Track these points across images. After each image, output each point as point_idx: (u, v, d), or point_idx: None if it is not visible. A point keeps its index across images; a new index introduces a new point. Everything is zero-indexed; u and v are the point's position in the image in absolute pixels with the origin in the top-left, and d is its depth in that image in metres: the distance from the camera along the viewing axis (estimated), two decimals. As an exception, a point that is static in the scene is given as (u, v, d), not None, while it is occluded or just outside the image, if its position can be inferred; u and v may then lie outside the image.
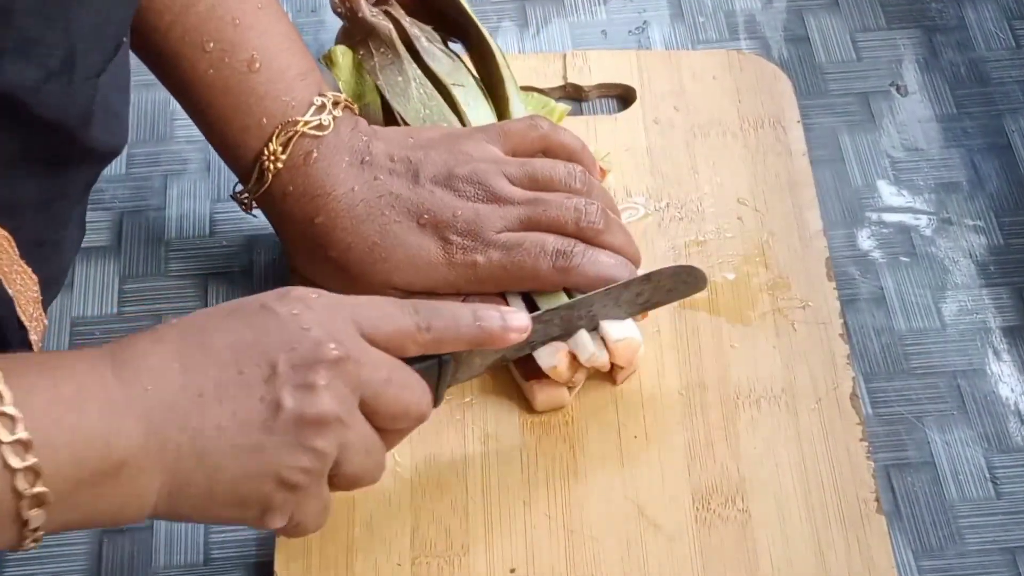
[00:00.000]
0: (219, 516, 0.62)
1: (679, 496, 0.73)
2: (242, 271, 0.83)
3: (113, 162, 0.87)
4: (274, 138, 0.74)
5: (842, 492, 0.73)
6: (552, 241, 0.74)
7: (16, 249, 0.64)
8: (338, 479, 0.64)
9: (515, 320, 0.68)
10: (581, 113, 0.89)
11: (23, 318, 0.65)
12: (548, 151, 0.78)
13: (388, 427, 0.65)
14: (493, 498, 0.73)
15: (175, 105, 0.81)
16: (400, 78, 0.82)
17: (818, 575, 0.71)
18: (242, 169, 0.76)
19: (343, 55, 0.83)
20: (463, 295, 0.75)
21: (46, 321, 0.68)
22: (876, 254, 0.84)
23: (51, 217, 0.67)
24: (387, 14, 0.83)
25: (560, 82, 0.89)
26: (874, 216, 0.85)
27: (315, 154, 0.75)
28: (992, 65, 0.91)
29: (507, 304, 0.74)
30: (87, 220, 0.85)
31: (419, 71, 0.82)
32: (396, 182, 0.75)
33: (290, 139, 0.74)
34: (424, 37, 0.83)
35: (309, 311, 0.63)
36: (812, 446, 0.75)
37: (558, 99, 0.89)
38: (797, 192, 0.84)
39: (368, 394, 0.63)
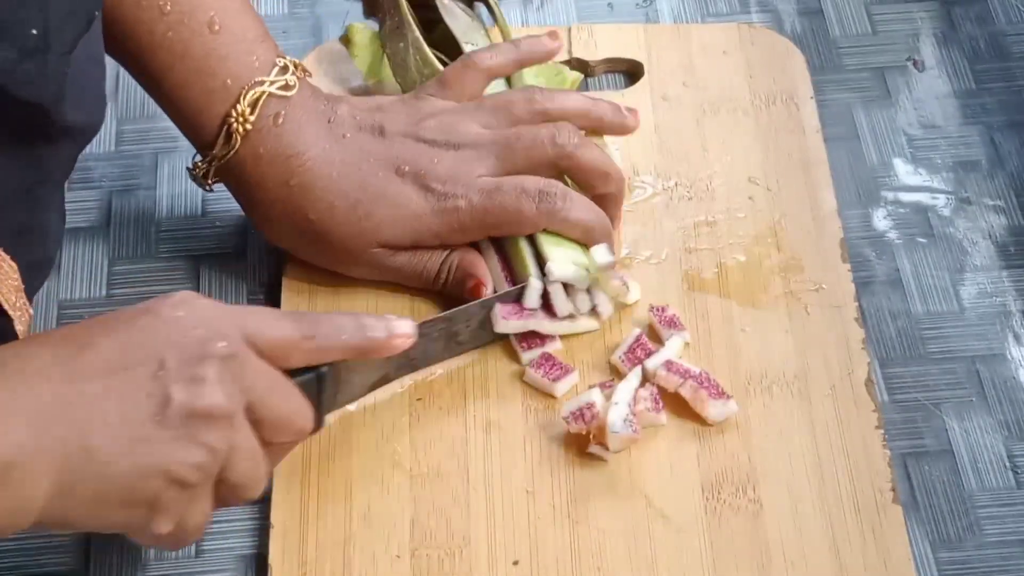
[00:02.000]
0: (107, 518, 0.62)
1: (688, 486, 0.72)
2: (235, 253, 0.82)
3: (102, 139, 0.86)
4: (242, 99, 0.74)
5: (857, 481, 0.72)
6: (532, 182, 0.75)
7: None
8: (222, 487, 0.64)
9: (400, 327, 0.68)
10: (587, 89, 0.88)
11: (6, 307, 0.65)
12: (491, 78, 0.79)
13: (270, 439, 0.65)
14: (495, 488, 0.72)
15: (166, 80, 0.80)
16: (401, 44, 0.82)
17: (832, 567, 0.70)
18: (205, 137, 0.75)
19: (359, 32, 0.84)
20: (448, 248, 0.76)
21: (31, 310, 0.67)
22: (892, 235, 0.82)
23: (32, 203, 0.67)
24: None
25: (565, 57, 0.88)
26: (890, 195, 0.84)
27: (283, 115, 0.75)
28: (1012, 39, 0.90)
29: (480, 251, 0.76)
30: (75, 200, 0.83)
31: (418, 35, 0.82)
32: (365, 138, 0.76)
33: (258, 99, 0.74)
34: None
35: (194, 312, 0.63)
36: (826, 434, 0.74)
37: (563, 74, 0.88)
38: (810, 171, 0.83)
39: (254, 399, 0.63)
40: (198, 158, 0.77)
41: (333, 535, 0.70)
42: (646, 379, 0.74)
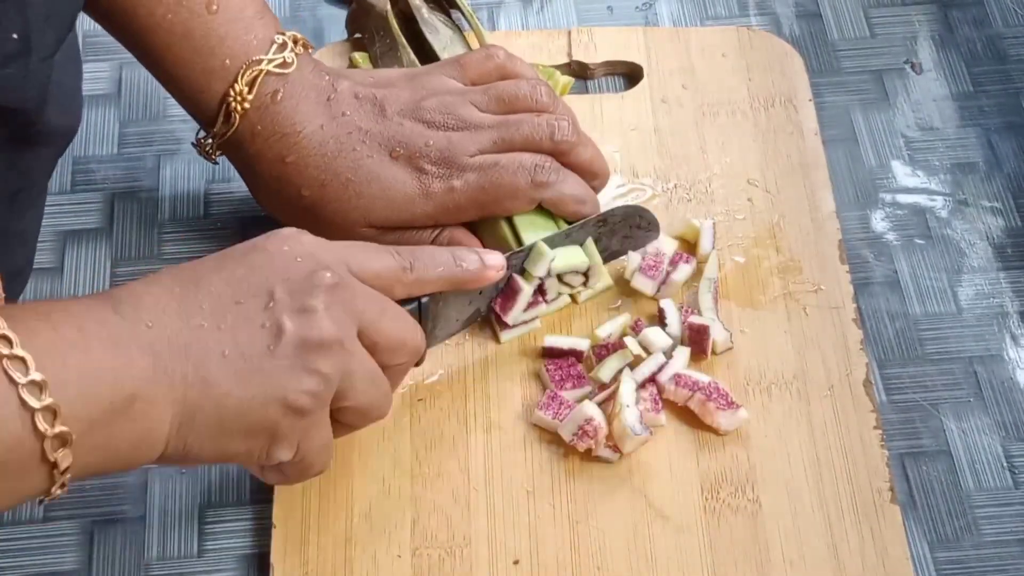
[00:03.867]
0: (227, 449, 0.63)
1: (687, 486, 0.72)
2: (238, 254, 0.81)
3: (104, 142, 0.86)
4: (239, 78, 0.75)
5: (855, 481, 0.72)
6: (528, 157, 0.75)
7: None
8: (346, 413, 0.66)
9: (492, 258, 0.71)
10: (587, 91, 0.88)
11: None
12: (505, 80, 0.80)
13: (386, 362, 0.66)
14: (496, 488, 0.72)
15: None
16: (396, 66, 0.82)
17: (831, 567, 0.70)
18: (206, 114, 0.76)
19: (363, 60, 0.85)
20: (440, 227, 0.76)
21: None
22: (890, 236, 0.82)
23: (14, 209, 0.67)
24: None
25: (565, 59, 0.88)
26: (888, 197, 0.84)
27: (281, 92, 0.75)
28: (1010, 42, 0.90)
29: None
30: (78, 202, 0.83)
31: (413, 56, 0.83)
32: (363, 117, 0.76)
33: (255, 78, 0.75)
34: (425, 8, 0.84)
35: (299, 245, 0.65)
36: (824, 434, 0.74)
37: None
38: (809, 173, 0.83)
39: (365, 323, 0.65)
40: (202, 134, 0.77)
41: (335, 535, 0.70)
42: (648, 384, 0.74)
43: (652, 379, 0.74)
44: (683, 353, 0.75)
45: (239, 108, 0.74)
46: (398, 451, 0.73)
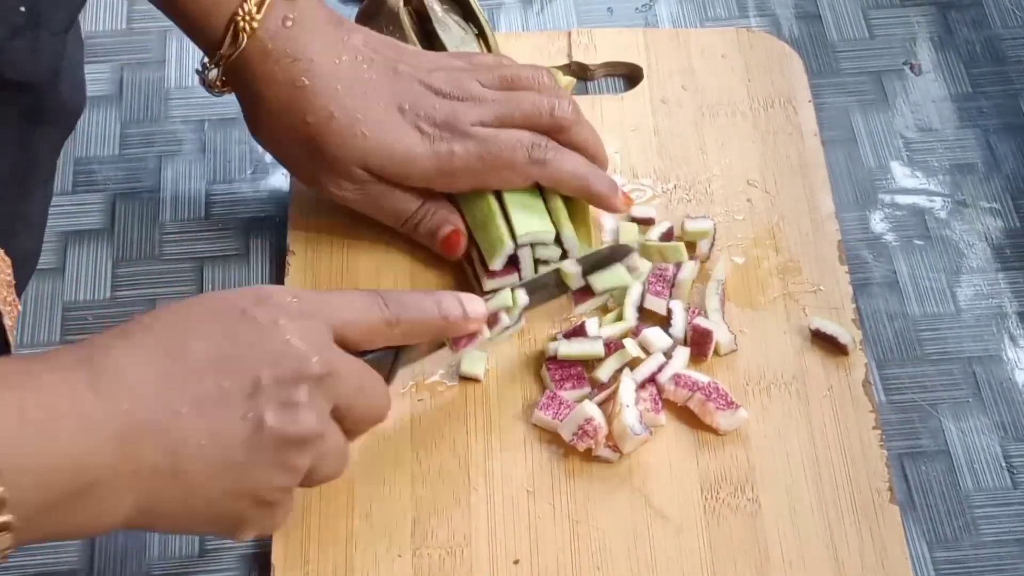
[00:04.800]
0: (190, 530, 0.63)
1: (687, 486, 0.72)
2: (238, 255, 0.82)
3: (106, 142, 0.86)
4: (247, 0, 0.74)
5: (854, 482, 0.72)
6: (527, 135, 0.76)
7: None
8: (307, 482, 0.64)
9: (473, 308, 0.70)
10: (587, 92, 0.88)
11: None
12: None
13: (351, 429, 0.66)
14: (496, 487, 0.72)
15: (170, 83, 0.80)
16: None
17: (830, 566, 0.70)
18: (213, 39, 0.76)
19: None
20: (427, 200, 0.76)
21: (20, 306, 0.67)
22: (889, 237, 0.82)
23: (22, 193, 0.66)
24: None
25: (565, 60, 0.88)
26: (887, 198, 0.84)
27: (292, 19, 0.75)
28: (1008, 43, 0.90)
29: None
30: (79, 202, 0.83)
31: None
32: (377, 69, 0.76)
33: (263, 1, 0.74)
34: (439, 7, 0.84)
35: (289, 320, 0.62)
36: (824, 434, 0.74)
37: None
38: (808, 174, 0.83)
39: (342, 404, 0.64)
40: (206, 60, 0.77)
41: (335, 534, 0.70)
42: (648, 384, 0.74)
43: (652, 379, 0.74)
44: (683, 353, 0.75)
45: (247, 28, 0.74)
46: (398, 451, 0.73)
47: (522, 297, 0.74)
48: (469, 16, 0.86)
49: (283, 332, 0.62)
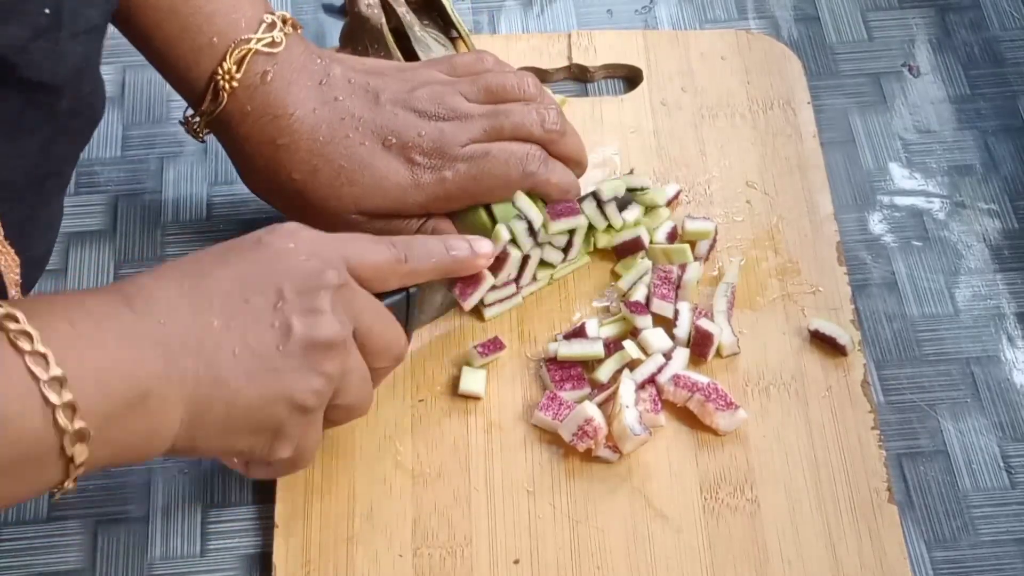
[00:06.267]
0: (233, 445, 0.65)
1: (687, 486, 0.72)
2: (240, 256, 0.82)
3: (107, 144, 0.86)
4: (227, 56, 0.74)
5: (853, 482, 0.72)
6: (519, 147, 0.76)
7: (1, 230, 0.63)
8: (335, 410, 0.67)
9: (480, 246, 0.72)
10: (586, 94, 0.88)
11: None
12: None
13: (372, 364, 0.68)
14: (496, 488, 0.72)
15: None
16: None
17: (829, 566, 0.70)
18: (195, 93, 0.76)
19: None
20: (428, 216, 0.76)
21: None
22: (888, 238, 0.83)
23: (41, 196, 0.67)
24: (384, 4, 0.84)
25: (565, 62, 0.88)
26: (886, 199, 0.84)
27: (272, 73, 0.75)
28: (1006, 45, 0.90)
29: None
30: (81, 204, 0.83)
31: None
32: (357, 104, 0.76)
33: (244, 57, 0.75)
34: (418, 26, 0.84)
35: (303, 243, 0.66)
36: (822, 435, 0.74)
37: (562, 79, 0.88)
38: (807, 175, 0.83)
39: (361, 327, 0.66)
40: (190, 112, 0.77)
41: (336, 535, 0.71)
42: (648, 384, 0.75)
43: (651, 380, 0.74)
44: (682, 354, 0.75)
45: (227, 87, 0.74)
46: (399, 451, 0.73)
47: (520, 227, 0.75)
48: (448, 23, 0.86)
49: (297, 252, 0.65)
